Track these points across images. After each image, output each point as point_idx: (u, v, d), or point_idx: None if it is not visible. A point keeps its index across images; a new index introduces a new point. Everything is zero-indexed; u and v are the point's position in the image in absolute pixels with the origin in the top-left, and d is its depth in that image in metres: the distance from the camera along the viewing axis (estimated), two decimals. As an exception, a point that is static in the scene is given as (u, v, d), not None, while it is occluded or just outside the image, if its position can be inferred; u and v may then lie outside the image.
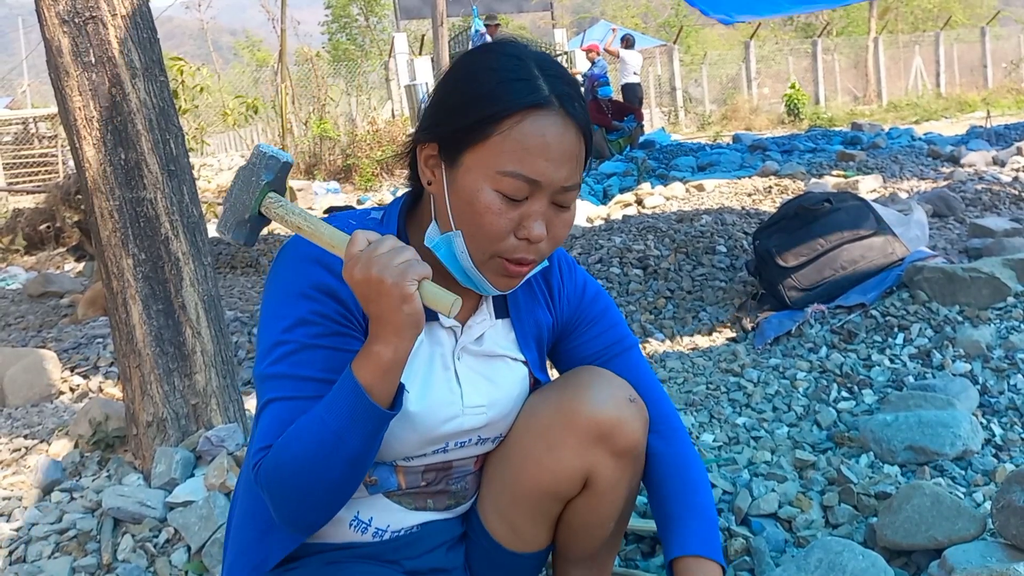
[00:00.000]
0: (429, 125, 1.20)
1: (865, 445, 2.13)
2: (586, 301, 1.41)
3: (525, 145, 1.12)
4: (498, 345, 1.33)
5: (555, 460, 1.28)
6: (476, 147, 1.13)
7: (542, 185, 1.13)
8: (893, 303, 3.06)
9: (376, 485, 1.29)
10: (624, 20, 33.30)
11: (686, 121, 20.90)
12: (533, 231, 1.14)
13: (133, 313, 2.25)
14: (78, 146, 2.23)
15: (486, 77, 1.14)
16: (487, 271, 1.18)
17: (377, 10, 34.57)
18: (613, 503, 1.33)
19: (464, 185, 1.14)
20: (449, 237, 1.18)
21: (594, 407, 1.27)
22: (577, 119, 1.16)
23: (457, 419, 1.27)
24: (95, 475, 2.36)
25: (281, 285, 1.19)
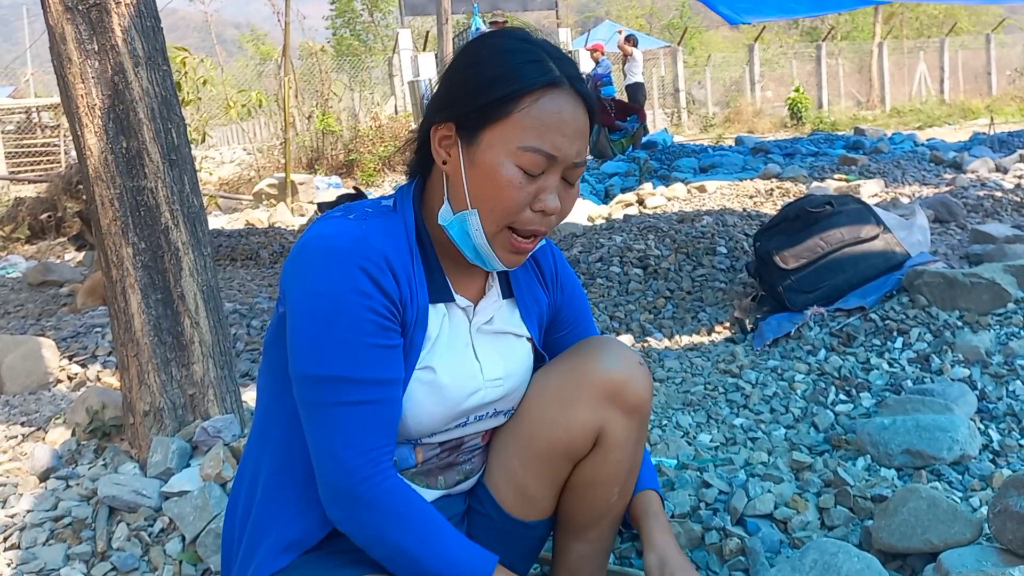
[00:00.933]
0: (445, 106, 1.24)
1: (862, 448, 2.13)
2: (576, 294, 1.51)
3: (544, 121, 1.18)
4: (506, 323, 1.39)
5: (569, 417, 1.35)
6: (496, 124, 1.19)
7: (558, 160, 1.20)
8: (893, 307, 3.05)
9: (395, 466, 1.30)
10: (629, 21, 33.28)
11: (689, 123, 20.90)
12: (549, 204, 1.21)
13: (132, 302, 2.24)
14: (80, 134, 2.22)
15: (503, 59, 1.21)
16: (497, 246, 1.24)
17: (382, 6, 34.56)
18: (620, 463, 1.39)
19: (485, 161, 1.20)
20: (464, 216, 1.23)
21: (606, 366, 1.35)
22: (585, 98, 1.23)
23: (479, 392, 1.32)
24: (91, 463, 2.36)
25: (322, 283, 1.17)
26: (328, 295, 1.16)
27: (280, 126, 10.35)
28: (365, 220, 1.23)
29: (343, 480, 1.17)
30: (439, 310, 1.29)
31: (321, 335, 1.17)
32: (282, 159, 9.89)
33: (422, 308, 1.25)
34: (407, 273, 1.22)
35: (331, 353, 1.16)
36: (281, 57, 10.11)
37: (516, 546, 1.43)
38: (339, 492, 1.18)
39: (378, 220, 1.24)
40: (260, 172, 12.34)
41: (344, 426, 1.17)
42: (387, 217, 1.26)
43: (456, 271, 1.33)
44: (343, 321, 1.16)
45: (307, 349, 1.18)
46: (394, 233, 1.24)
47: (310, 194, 9.75)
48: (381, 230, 1.22)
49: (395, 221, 1.26)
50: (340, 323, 1.16)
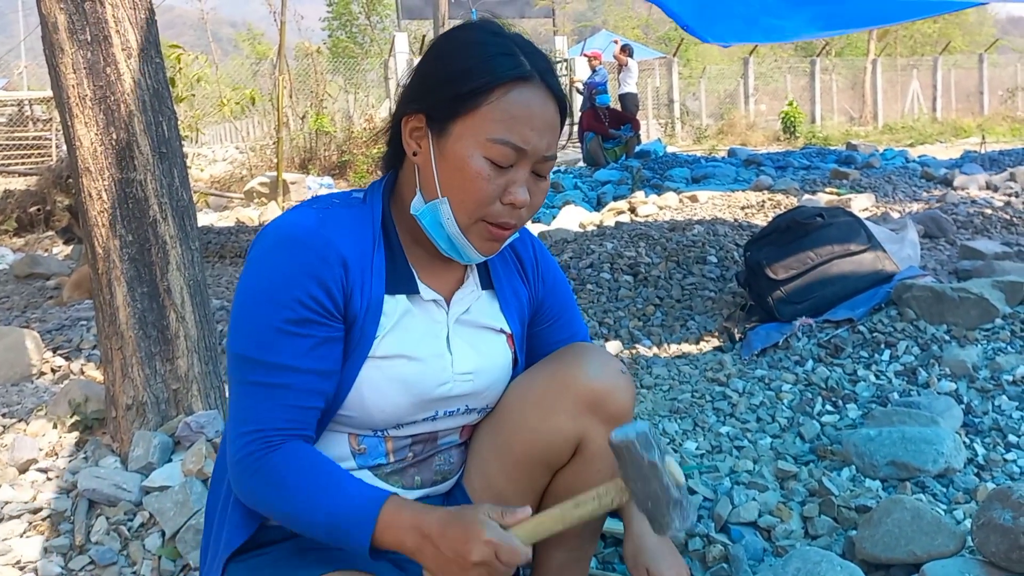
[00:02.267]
0: (416, 97, 1.25)
1: (847, 459, 2.13)
2: (559, 286, 1.50)
3: (513, 114, 1.19)
4: (484, 315, 1.38)
5: (549, 426, 1.34)
6: (466, 116, 1.20)
7: (527, 153, 1.20)
8: (881, 320, 3.06)
9: (365, 455, 1.31)
10: (625, 31, 33.38)
11: (682, 133, 20.94)
12: (518, 196, 1.22)
13: (117, 295, 2.22)
14: (70, 124, 2.20)
15: (473, 51, 1.21)
16: (472, 236, 1.24)
17: (379, 9, 34.57)
18: (601, 471, 1.36)
19: (454, 152, 1.20)
20: (435, 205, 1.23)
21: (588, 375, 1.34)
22: (555, 92, 1.24)
23: (447, 384, 1.30)
24: (72, 456, 2.33)
25: (262, 265, 1.20)
26: (262, 279, 1.20)
27: (273, 125, 10.33)
28: (327, 210, 1.25)
29: (235, 453, 1.20)
30: (399, 301, 1.28)
31: (245, 315, 1.21)
32: (274, 158, 9.87)
33: (375, 299, 1.24)
34: (362, 264, 1.23)
35: (247, 334, 1.20)
36: (276, 56, 10.09)
37: None
38: (236, 467, 1.20)
39: (341, 210, 1.26)
40: (252, 171, 12.30)
41: (246, 403, 1.20)
42: (353, 208, 1.28)
43: (429, 263, 1.32)
44: (266, 306, 1.18)
45: (233, 327, 1.22)
46: (357, 224, 1.25)
47: (302, 193, 9.72)
48: (341, 220, 1.24)
49: (361, 212, 1.28)
50: (263, 307, 1.18)
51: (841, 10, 5.29)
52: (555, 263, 1.51)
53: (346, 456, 1.30)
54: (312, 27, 30.12)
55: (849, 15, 5.36)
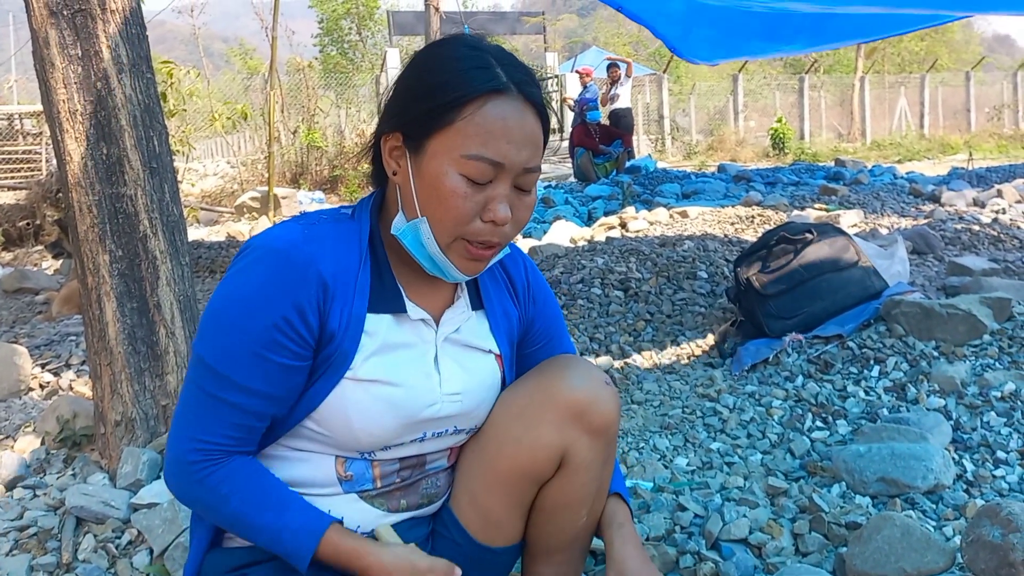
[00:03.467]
0: (393, 115, 1.23)
1: (837, 475, 2.13)
2: (549, 307, 1.48)
3: (487, 128, 1.16)
4: (474, 335, 1.36)
5: (533, 438, 1.31)
6: (440, 133, 1.17)
7: (505, 167, 1.17)
8: (870, 335, 3.07)
9: (351, 481, 1.29)
10: (616, 47, 33.56)
11: (672, 149, 21.04)
12: (499, 213, 1.18)
13: (107, 310, 2.22)
14: (60, 139, 2.20)
15: (447, 66, 1.19)
16: (453, 255, 1.21)
17: (370, 25, 34.67)
18: (586, 484, 1.35)
19: (430, 170, 1.18)
20: (416, 224, 1.21)
21: (571, 386, 1.32)
22: (535, 103, 1.20)
23: (436, 405, 1.29)
24: (60, 473, 2.32)
25: (242, 276, 1.19)
26: (240, 291, 1.18)
27: (265, 140, 10.34)
28: (313, 226, 1.23)
29: (177, 456, 1.21)
30: (383, 320, 1.26)
31: (216, 324, 1.19)
32: (265, 173, 9.86)
33: (356, 317, 1.22)
34: (345, 282, 1.21)
35: (214, 343, 1.19)
36: (268, 71, 10.11)
37: (483, 572, 1.39)
38: (173, 464, 1.22)
39: (328, 226, 1.24)
40: (243, 185, 12.29)
41: (197, 412, 1.20)
42: (340, 224, 1.26)
43: (418, 281, 1.30)
44: (239, 320, 1.17)
45: (203, 328, 1.21)
46: (343, 240, 1.24)
47: (293, 208, 9.71)
48: (326, 236, 1.22)
49: (349, 228, 1.26)
50: (235, 321, 1.17)
51: (823, 27, 5.34)
52: (546, 283, 1.50)
53: (332, 482, 1.28)
54: (304, 43, 30.15)
55: (832, 32, 5.40)
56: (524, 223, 1.24)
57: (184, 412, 1.22)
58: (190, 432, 1.20)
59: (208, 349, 1.19)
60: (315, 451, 1.28)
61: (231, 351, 1.17)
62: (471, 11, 22.94)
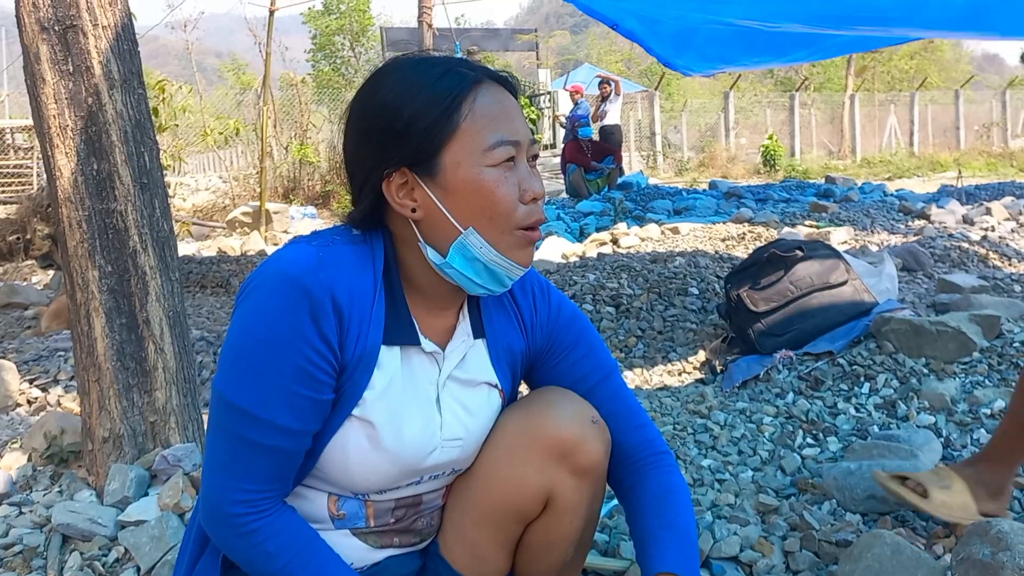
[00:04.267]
0: (383, 158, 1.16)
1: (828, 492, 2.13)
2: (561, 324, 1.39)
3: (491, 114, 1.16)
4: (476, 367, 1.31)
5: (518, 479, 1.28)
6: (450, 141, 1.15)
7: (520, 143, 1.18)
8: (860, 352, 3.08)
9: (344, 520, 1.26)
10: (608, 65, 33.74)
11: (664, 166, 21.14)
12: (535, 188, 1.19)
13: (96, 326, 2.21)
14: (50, 154, 2.20)
15: (414, 89, 1.16)
16: (510, 251, 1.18)
17: (363, 41, 34.81)
18: (572, 524, 1.32)
19: (460, 179, 1.15)
20: (462, 241, 1.16)
21: (557, 425, 1.27)
22: (506, 82, 1.22)
23: (435, 452, 1.25)
24: (46, 490, 2.30)
25: (262, 307, 1.12)
26: (265, 324, 1.11)
27: (257, 155, 10.34)
28: (328, 247, 1.17)
29: (219, 507, 1.16)
30: (394, 353, 1.21)
31: (244, 362, 1.12)
32: (258, 188, 9.86)
33: (370, 348, 1.17)
34: (361, 310, 1.16)
35: (248, 385, 1.12)
36: (261, 87, 10.13)
37: None
38: (214, 514, 1.17)
39: (342, 248, 1.18)
40: (235, 200, 12.29)
41: (236, 458, 1.14)
42: (355, 246, 1.20)
43: (426, 311, 1.25)
44: (271, 358, 1.11)
45: (229, 370, 1.14)
46: (357, 264, 1.17)
47: (284, 223, 9.72)
48: (341, 259, 1.16)
49: (362, 251, 1.20)
50: (266, 359, 1.11)
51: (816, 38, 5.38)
52: (557, 299, 1.41)
53: (323, 519, 1.25)
54: (297, 58, 30.25)
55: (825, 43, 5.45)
56: (545, 196, 1.25)
57: (220, 459, 1.15)
58: (231, 482, 1.14)
59: (239, 392, 1.12)
60: (308, 486, 1.24)
61: (267, 393, 1.11)
62: (464, 28, 23.04)
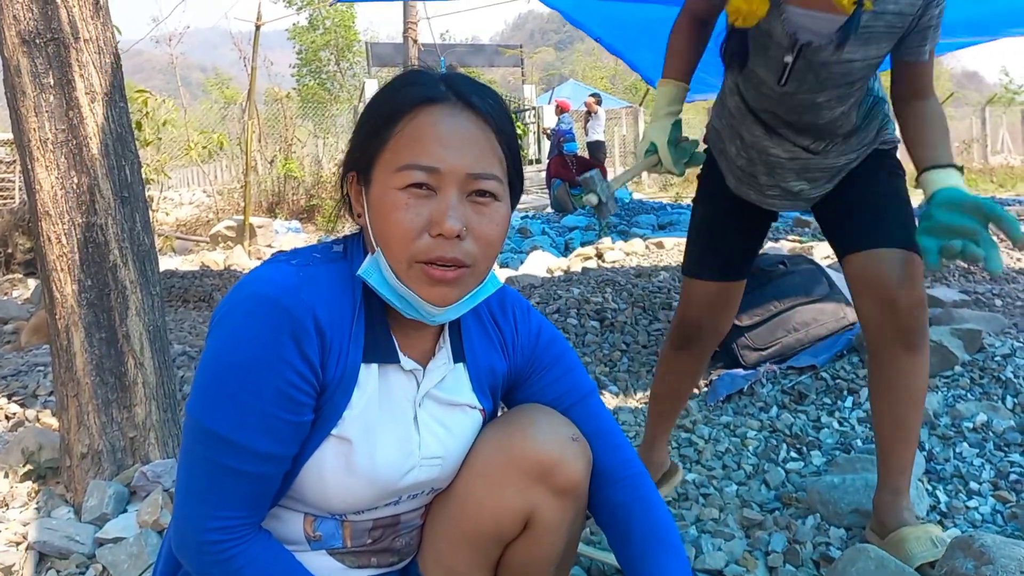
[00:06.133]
0: (348, 159, 1.19)
1: (812, 506, 2.13)
2: (540, 347, 1.36)
3: (419, 137, 1.09)
4: (456, 390, 1.28)
5: (496, 499, 1.25)
6: (379, 156, 1.12)
7: (442, 172, 1.08)
8: (843, 366, 3.09)
9: (320, 541, 1.23)
10: (593, 81, 33.98)
11: (649, 181, 21.22)
12: (445, 224, 1.07)
13: (75, 340, 2.18)
14: (30, 168, 2.18)
15: (382, 94, 1.16)
16: (412, 283, 1.11)
17: (349, 56, 34.88)
18: (553, 544, 1.30)
19: (376, 196, 1.12)
20: (375, 259, 1.14)
21: (535, 444, 1.24)
22: (478, 109, 1.12)
23: (413, 471, 1.22)
24: (23, 507, 2.26)
25: (239, 330, 1.08)
26: (244, 348, 1.07)
27: (241, 169, 10.32)
28: (307, 267, 1.14)
29: (195, 535, 1.10)
30: (372, 371, 1.18)
31: (222, 387, 1.08)
32: (242, 202, 9.83)
33: (351, 367, 1.14)
34: (341, 329, 1.13)
35: (224, 410, 1.08)
36: (246, 101, 10.12)
37: None
38: (189, 542, 1.12)
39: (322, 267, 1.15)
40: (219, 214, 12.24)
41: (212, 485, 1.10)
42: (334, 264, 1.17)
43: (404, 329, 1.21)
44: (250, 382, 1.07)
45: (205, 395, 1.09)
46: (338, 283, 1.15)
47: (268, 237, 9.68)
48: (321, 279, 1.13)
49: (342, 269, 1.17)
50: (246, 383, 1.07)
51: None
52: (537, 320, 1.38)
53: (300, 540, 1.22)
54: (282, 73, 30.25)
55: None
56: (491, 240, 1.13)
57: (194, 486, 1.11)
58: (206, 509, 1.09)
59: (216, 418, 1.07)
60: (284, 506, 1.21)
61: (246, 418, 1.07)
62: (449, 43, 23.14)
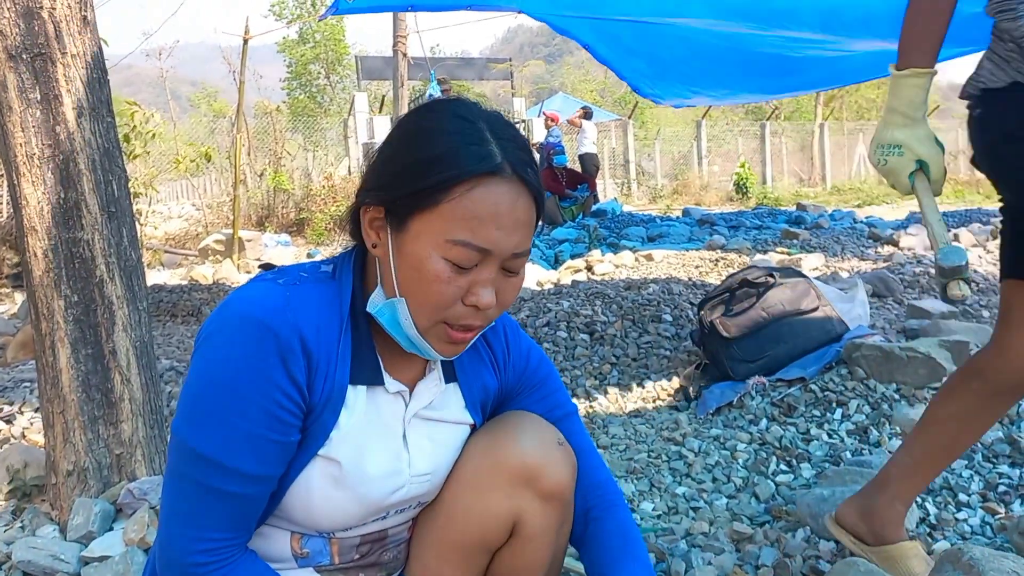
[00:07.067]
0: (374, 187, 1.14)
1: (802, 520, 2.13)
2: (531, 368, 1.39)
3: (476, 214, 1.07)
4: (447, 410, 1.29)
5: (483, 507, 1.25)
6: (424, 212, 1.08)
7: (493, 254, 1.09)
8: (832, 378, 3.09)
9: (307, 558, 1.23)
10: (583, 94, 34.12)
11: (638, 193, 21.30)
12: (482, 299, 1.10)
13: (61, 356, 2.17)
14: (16, 183, 2.17)
15: (436, 140, 1.09)
16: (431, 338, 1.14)
17: (338, 70, 34.94)
18: (540, 550, 1.30)
19: (412, 251, 1.10)
20: (393, 304, 1.13)
21: (521, 449, 1.25)
22: (530, 186, 1.11)
23: (403, 488, 1.22)
24: (8, 525, 2.24)
25: (225, 350, 1.08)
26: (228, 367, 1.06)
27: (231, 182, 10.29)
28: (294, 286, 1.13)
29: (181, 557, 1.09)
30: (359, 393, 1.18)
31: (206, 406, 1.07)
32: (231, 215, 9.80)
33: (337, 388, 1.14)
34: (328, 350, 1.13)
35: (210, 430, 1.07)
36: (235, 114, 10.11)
37: None
38: (174, 565, 1.10)
39: (310, 287, 1.15)
40: (208, 228, 12.20)
41: (196, 507, 1.09)
42: (322, 284, 1.17)
43: (392, 351, 1.21)
44: (236, 404, 1.06)
45: (189, 414, 1.09)
46: (325, 304, 1.15)
47: (258, 251, 9.65)
48: (308, 299, 1.13)
49: (330, 290, 1.17)
50: (231, 405, 1.06)
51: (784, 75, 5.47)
52: (527, 342, 1.41)
53: (286, 558, 1.22)
54: (271, 86, 30.26)
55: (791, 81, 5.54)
56: (508, 305, 1.16)
57: (180, 507, 1.10)
58: (192, 531, 1.08)
59: (201, 439, 1.07)
60: (271, 525, 1.21)
61: (232, 439, 1.07)
62: (438, 57, 23.18)
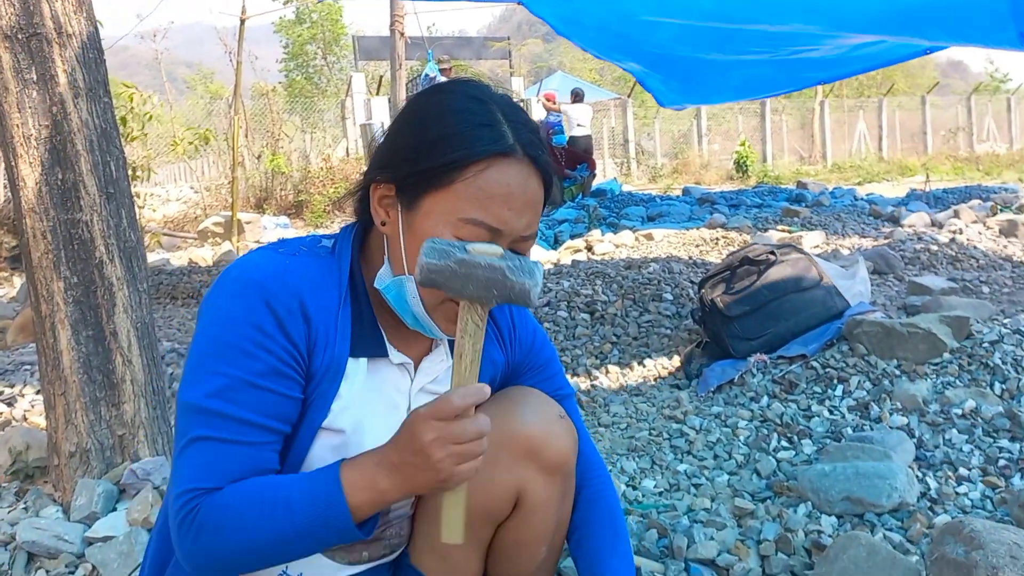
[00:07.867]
0: (386, 165, 1.15)
1: (803, 495, 2.13)
2: (536, 347, 1.41)
3: (489, 193, 1.08)
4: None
5: (486, 480, 1.25)
6: (437, 192, 1.10)
7: (503, 233, 1.10)
8: (833, 355, 3.10)
9: None
10: (581, 72, 33.91)
11: (638, 172, 21.23)
12: None
13: (61, 338, 2.16)
14: (14, 164, 2.16)
15: (449, 120, 1.11)
16: (437, 316, 1.14)
17: (335, 50, 34.75)
18: (543, 522, 1.32)
19: (423, 229, 1.10)
20: (401, 281, 1.14)
21: (524, 422, 1.27)
22: (540, 167, 1.13)
23: None
24: (11, 507, 2.25)
25: (225, 310, 1.09)
26: (225, 324, 1.08)
27: (229, 165, 10.26)
28: (293, 256, 1.15)
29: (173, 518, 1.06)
30: (361, 365, 1.19)
31: (205, 363, 1.08)
32: (229, 198, 9.78)
33: (337, 359, 1.15)
34: (327, 320, 1.14)
35: (205, 383, 1.07)
36: (232, 96, 10.05)
37: None
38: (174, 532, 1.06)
39: (308, 259, 1.16)
40: (207, 210, 12.17)
41: (193, 462, 1.06)
42: (320, 259, 1.18)
43: (396, 327, 1.22)
44: (231, 354, 1.07)
45: (190, 375, 1.09)
46: (323, 276, 1.16)
47: (257, 233, 9.64)
48: (307, 270, 1.14)
49: (328, 264, 1.18)
50: (227, 355, 1.07)
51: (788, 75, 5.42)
52: (533, 322, 1.42)
53: None
54: (268, 67, 30.12)
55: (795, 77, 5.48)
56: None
57: (179, 473, 1.07)
58: (184, 487, 1.05)
59: (200, 392, 1.07)
60: None
61: (229, 386, 1.06)
62: (436, 36, 23.06)
